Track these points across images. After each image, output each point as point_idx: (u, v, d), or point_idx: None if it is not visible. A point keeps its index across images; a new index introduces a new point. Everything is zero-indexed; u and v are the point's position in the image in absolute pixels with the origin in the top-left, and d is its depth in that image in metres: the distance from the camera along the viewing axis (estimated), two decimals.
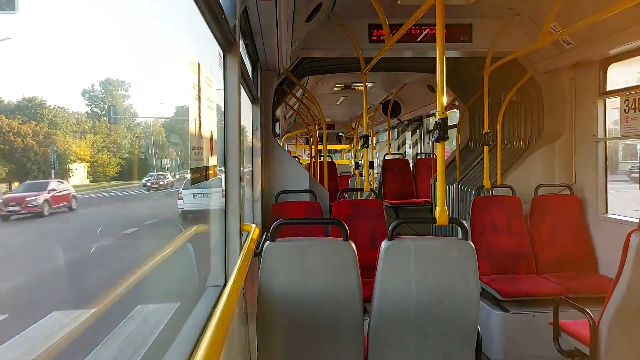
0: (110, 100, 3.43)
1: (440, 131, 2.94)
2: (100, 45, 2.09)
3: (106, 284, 2.93)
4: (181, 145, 4.78)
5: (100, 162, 3.19)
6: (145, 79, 3.21)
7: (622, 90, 4.73)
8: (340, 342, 2.95)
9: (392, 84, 9.89)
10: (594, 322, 3.15)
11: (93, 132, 3.23)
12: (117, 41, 2.17)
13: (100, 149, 3.20)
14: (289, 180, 5.59)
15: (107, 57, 2.31)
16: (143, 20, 2.50)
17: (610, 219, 4.89)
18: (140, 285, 2.86)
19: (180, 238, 3.85)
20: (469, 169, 6.86)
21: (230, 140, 2.89)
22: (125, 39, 2.24)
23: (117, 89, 3.59)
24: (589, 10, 3.77)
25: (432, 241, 3.06)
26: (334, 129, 18.83)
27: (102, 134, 3.29)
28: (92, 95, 3.44)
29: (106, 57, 2.34)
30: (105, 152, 3.25)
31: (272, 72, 5.47)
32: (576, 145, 5.35)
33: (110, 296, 2.59)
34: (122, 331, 3.03)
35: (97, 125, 3.37)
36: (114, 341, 2.91)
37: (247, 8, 3.15)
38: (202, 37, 2.45)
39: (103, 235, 3.28)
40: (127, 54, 2.49)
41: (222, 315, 1.85)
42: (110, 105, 3.40)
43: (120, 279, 2.78)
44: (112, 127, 3.44)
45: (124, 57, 2.56)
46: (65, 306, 2.65)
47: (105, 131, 3.34)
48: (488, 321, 4.40)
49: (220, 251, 2.85)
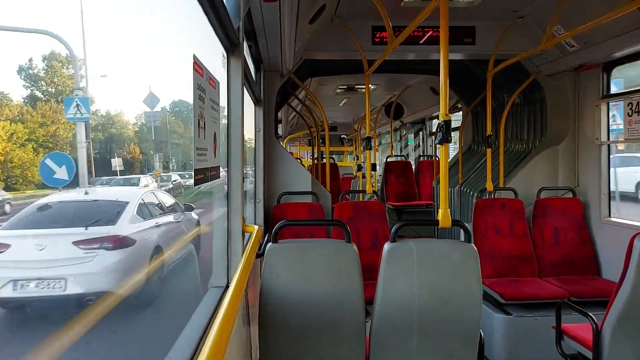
0: (60, 82, 2.58)
1: (443, 134, 2.94)
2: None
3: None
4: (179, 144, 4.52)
5: (16, 161, 2.26)
6: (130, 73, 2.86)
7: (626, 93, 4.72)
8: (342, 344, 2.95)
9: (395, 86, 9.89)
10: (596, 326, 3.14)
11: (20, 119, 2.34)
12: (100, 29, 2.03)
13: (23, 143, 2.29)
14: (291, 181, 5.59)
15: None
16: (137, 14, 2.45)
17: (614, 222, 4.88)
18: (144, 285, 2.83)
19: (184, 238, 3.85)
20: (471, 171, 6.85)
21: (233, 141, 2.90)
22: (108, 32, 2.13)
23: (65, 66, 2.68)
24: (592, 13, 3.76)
25: (434, 243, 3.05)
26: (337, 131, 18.82)
27: (33, 123, 2.41)
28: (31, 74, 2.58)
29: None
30: (29, 148, 2.31)
31: (275, 74, 5.48)
32: (579, 148, 5.34)
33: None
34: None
35: (28, 111, 2.44)
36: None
37: (251, 10, 3.15)
38: (206, 38, 2.45)
39: None
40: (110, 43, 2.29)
41: (225, 316, 1.85)
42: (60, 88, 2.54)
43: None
44: (53, 114, 2.56)
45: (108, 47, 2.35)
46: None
47: (36, 120, 2.45)
48: (490, 324, 4.38)
49: (222, 252, 2.85)
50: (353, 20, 5.29)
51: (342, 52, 5.45)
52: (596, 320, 3.16)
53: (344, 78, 8.73)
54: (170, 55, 3.35)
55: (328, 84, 9.43)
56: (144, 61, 2.83)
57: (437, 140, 3.02)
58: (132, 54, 2.62)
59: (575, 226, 5.05)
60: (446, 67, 2.97)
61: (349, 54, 5.43)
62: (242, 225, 2.91)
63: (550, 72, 5.43)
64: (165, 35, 2.91)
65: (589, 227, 5.08)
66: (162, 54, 3.23)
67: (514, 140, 6.29)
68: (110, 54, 2.36)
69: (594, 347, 3.14)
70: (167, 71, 3.44)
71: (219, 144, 2.69)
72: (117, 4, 2.08)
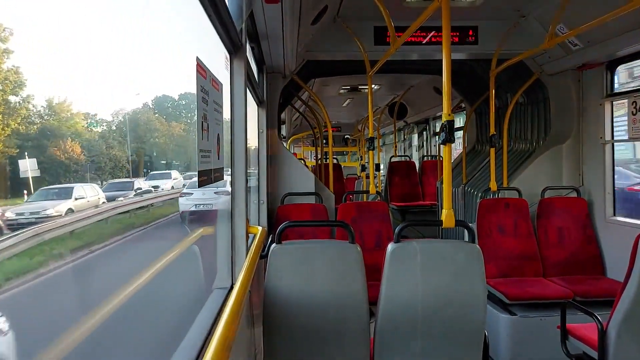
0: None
1: (446, 133, 2.94)
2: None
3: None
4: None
5: None
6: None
7: (630, 92, 4.70)
8: (346, 345, 2.95)
9: (398, 86, 9.88)
10: (602, 325, 3.12)
11: None
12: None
13: None
14: (294, 182, 5.59)
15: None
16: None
17: (618, 221, 4.86)
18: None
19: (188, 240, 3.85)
20: (475, 171, 6.84)
21: (237, 142, 2.91)
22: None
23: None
24: (595, 12, 3.75)
25: (438, 244, 3.05)
26: (340, 131, 18.83)
27: None
28: None
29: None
30: None
31: (278, 75, 5.49)
32: (583, 147, 5.32)
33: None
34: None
35: None
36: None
37: (254, 12, 3.16)
38: (209, 40, 2.46)
39: None
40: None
41: (230, 317, 1.85)
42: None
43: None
44: None
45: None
46: None
47: None
48: (495, 324, 4.37)
49: (226, 253, 2.86)
50: (355, 21, 5.29)
51: (344, 52, 5.46)
52: (601, 320, 3.15)
53: (347, 79, 8.74)
54: (157, 48, 3.21)
55: (331, 84, 9.43)
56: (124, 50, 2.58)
57: (440, 140, 3.02)
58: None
59: (580, 226, 5.03)
60: (449, 67, 2.97)
61: (351, 54, 5.44)
62: (246, 227, 2.92)
63: (553, 71, 5.41)
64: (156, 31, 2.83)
65: (593, 227, 5.06)
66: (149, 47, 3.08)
67: (517, 139, 6.27)
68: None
69: (599, 347, 3.13)
70: (153, 65, 3.27)
71: (222, 145, 2.69)
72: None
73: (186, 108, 6.06)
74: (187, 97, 5.84)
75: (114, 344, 2.76)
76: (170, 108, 5.97)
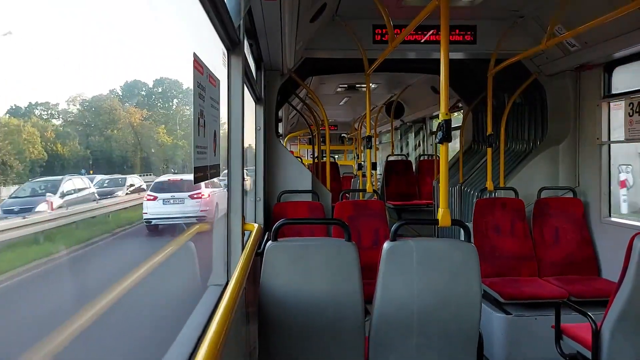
0: None
1: (443, 133, 2.94)
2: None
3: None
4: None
5: None
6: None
7: (627, 93, 4.71)
8: (341, 343, 2.95)
9: (395, 85, 9.89)
10: (596, 325, 3.14)
11: None
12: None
13: None
14: (291, 180, 5.59)
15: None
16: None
17: (614, 222, 4.87)
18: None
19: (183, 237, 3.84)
20: (472, 171, 6.85)
21: (233, 139, 2.90)
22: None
23: None
24: (593, 13, 3.76)
25: (434, 243, 3.06)
26: (337, 130, 18.83)
27: None
28: None
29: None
30: None
31: (276, 72, 5.47)
32: (580, 148, 5.33)
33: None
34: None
35: None
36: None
37: (252, 8, 3.15)
38: (206, 36, 2.45)
39: None
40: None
41: (224, 314, 1.85)
42: None
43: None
44: None
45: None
46: None
47: None
48: (490, 324, 4.39)
49: (222, 250, 2.85)
50: (354, 19, 5.28)
51: (342, 51, 5.45)
52: (595, 320, 3.16)
53: (344, 77, 8.73)
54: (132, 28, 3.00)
55: (329, 82, 9.42)
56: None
57: (437, 139, 3.02)
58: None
59: (576, 226, 5.05)
60: (447, 66, 2.97)
61: (349, 52, 5.43)
62: (242, 224, 2.91)
63: (551, 72, 5.42)
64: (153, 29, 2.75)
65: (589, 227, 5.08)
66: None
67: (514, 139, 6.29)
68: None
69: (593, 346, 3.14)
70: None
71: (219, 142, 2.69)
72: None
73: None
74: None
75: (108, 340, 2.75)
76: (144, 96, 5.65)
